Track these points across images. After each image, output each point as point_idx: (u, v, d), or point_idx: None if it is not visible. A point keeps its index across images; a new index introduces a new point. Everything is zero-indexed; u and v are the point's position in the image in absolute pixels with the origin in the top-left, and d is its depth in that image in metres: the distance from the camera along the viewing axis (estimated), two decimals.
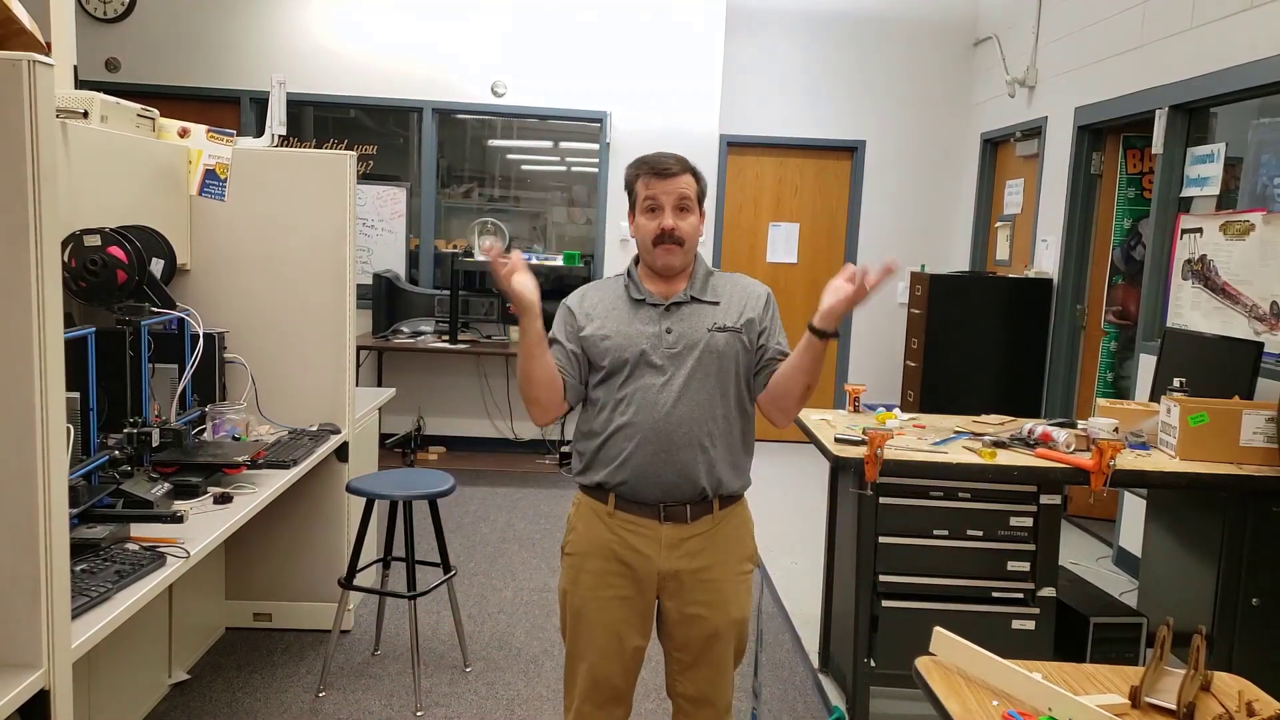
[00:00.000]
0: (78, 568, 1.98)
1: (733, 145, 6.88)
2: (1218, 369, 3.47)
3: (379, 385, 6.13)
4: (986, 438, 3.16)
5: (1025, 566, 2.92)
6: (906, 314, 6.06)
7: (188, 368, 3.00)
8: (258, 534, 3.56)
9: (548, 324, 2.09)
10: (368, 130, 6.56)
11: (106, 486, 2.40)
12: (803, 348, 2.02)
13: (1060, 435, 3.02)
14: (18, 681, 1.57)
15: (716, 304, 2.13)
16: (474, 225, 6.37)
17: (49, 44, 2.90)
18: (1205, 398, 3.10)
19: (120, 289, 2.77)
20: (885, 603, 2.93)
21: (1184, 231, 4.27)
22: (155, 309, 2.89)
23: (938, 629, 1.78)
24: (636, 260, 2.19)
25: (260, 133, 5.59)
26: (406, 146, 6.57)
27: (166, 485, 2.50)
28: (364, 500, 3.29)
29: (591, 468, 2.13)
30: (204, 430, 3.08)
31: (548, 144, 6.73)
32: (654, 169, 2.08)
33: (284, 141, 4.59)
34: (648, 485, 2.06)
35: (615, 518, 2.11)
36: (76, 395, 2.34)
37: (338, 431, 3.47)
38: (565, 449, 6.28)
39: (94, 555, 2.09)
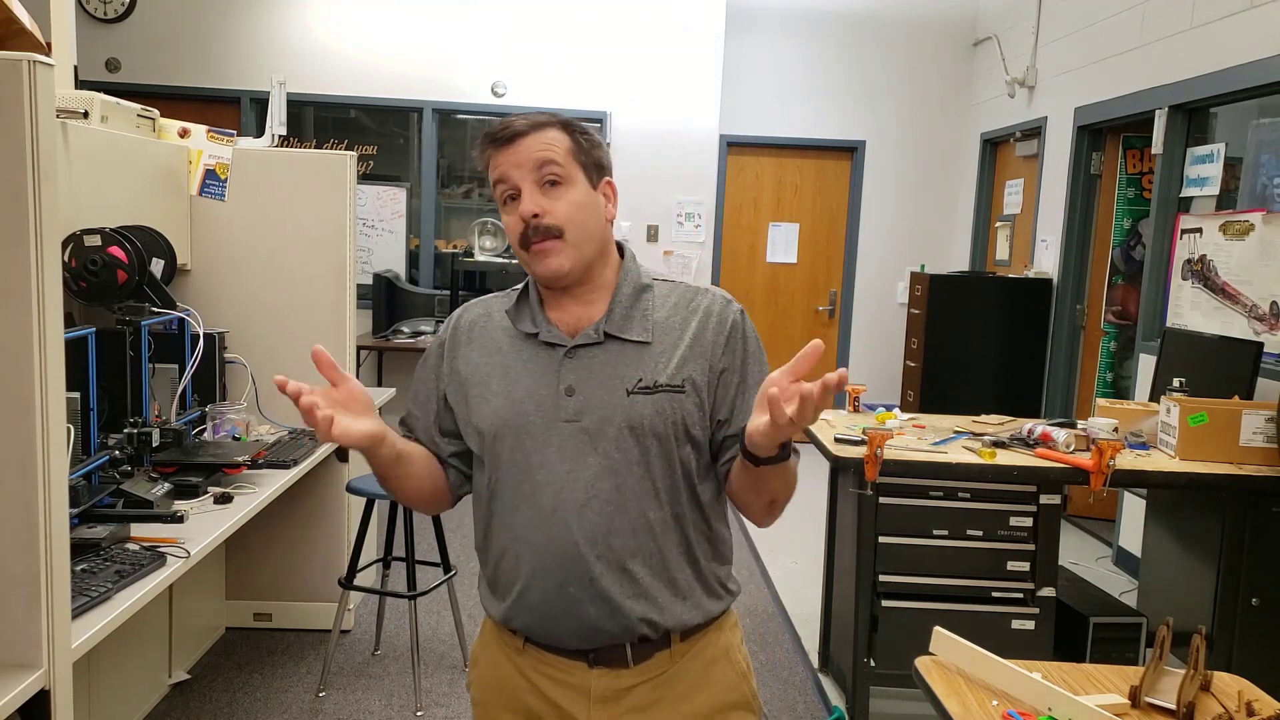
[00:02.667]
0: (78, 568, 1.98)
1: (733, 145, 6.88)
2: (1217, 369, 3.47)
3: (379, 385, 6.12)
4: (986, 438, 3.16)
5: (1025, 566, 2.92)
6: (906, 314, 6.06)
7: (188, 368, 3.00)
8: (258, 534, 3.56)
9: None
10: (368, 130, 6.55)
11: (107, 486, 2.40)
12: (739, 467, 1.35)
13: (1060, 435, 3.02)
14: (18, 681, 1.57)
15: (647, 344, 1.36)
16: (474, 225, 6.36)
17: (49, 44, 2.90)
18: (1205, 398, 3.10)
19: (120, 289, 2.77)
20: (885, 602, 2.93)
21: (1184, 231, 4.27)
22: (155, 309, 2.89)
23: (937, 629, 1.78)
24: None
25: (260, 133, 5.59)
26: (406, 147, 6.57)
27: (167, 485, 2.50)
28: (364, 500, 3.30)
29: (491, 590, 1.47)
30: (204, 430, 3.08)
31: None
32: (493, 138, 1.35)
33: (284, 142, 4.59)
34: (559, 630, 1.38)
35: (526, 655, 1.43)
36: (77, 395, 2.34)
37: None
38: None
39: (94, 555, 2.08)
